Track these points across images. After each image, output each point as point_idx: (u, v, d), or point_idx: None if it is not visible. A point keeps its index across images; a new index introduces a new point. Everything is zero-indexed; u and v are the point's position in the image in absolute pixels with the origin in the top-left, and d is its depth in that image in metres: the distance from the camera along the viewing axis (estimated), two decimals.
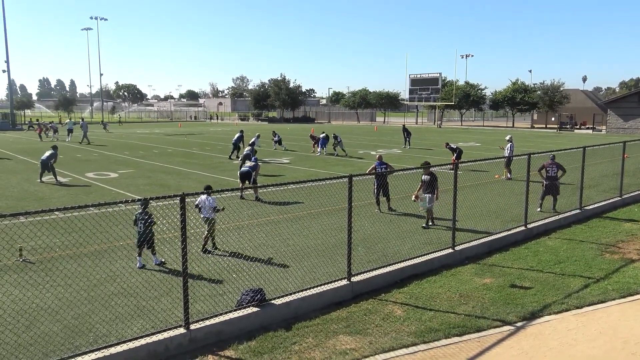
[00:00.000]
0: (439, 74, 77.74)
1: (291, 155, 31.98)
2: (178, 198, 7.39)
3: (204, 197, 10.74)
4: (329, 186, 12.72)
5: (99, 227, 11.58)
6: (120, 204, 6.84)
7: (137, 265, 10.10)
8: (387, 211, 15.11)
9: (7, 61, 70.38)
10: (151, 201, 11.61)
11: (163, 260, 10.30)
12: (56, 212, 7.94)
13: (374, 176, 15.56)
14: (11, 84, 78.43)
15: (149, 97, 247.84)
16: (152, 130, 65.20)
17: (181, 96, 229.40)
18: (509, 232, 12.56)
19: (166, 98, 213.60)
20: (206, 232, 10.94)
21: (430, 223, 13.05)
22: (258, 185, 10.73)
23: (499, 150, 33.68)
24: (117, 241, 11.29)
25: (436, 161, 27.24)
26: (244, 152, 20.66)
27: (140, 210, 10.00)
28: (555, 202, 15.04)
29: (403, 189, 16.05)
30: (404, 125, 34.48)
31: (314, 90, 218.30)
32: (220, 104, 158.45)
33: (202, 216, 10.85)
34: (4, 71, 71.75)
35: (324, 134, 34.01)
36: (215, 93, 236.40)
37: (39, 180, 20.37)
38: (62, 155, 30.49)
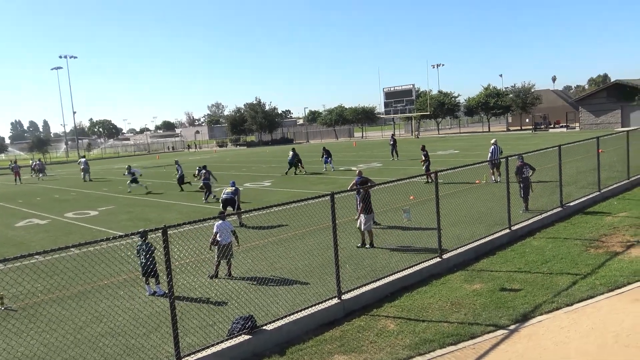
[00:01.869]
0: (412, 85, 78.75)
1: (272, 177, 31.96)
2: (160, 231, 7.32)
3: (219, 222, 10.88)
4: (312, 206, 12.81)
5: (82, 267, 11.39)
6: (102, 242, 6.75)
7: (147, 292, 10.40)
8: (372, 226, 15.14)
9: None
10: (133, 236, 11.48)
11: (166, 291, 10.24)
12: (36, 256, 7.80)
13: (355, 192, 15.59)
14: None
15: (124, 131, 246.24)
16: (130, 164, 64.70)
17: (157, 128, 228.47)
18: (494, 236, 12.66)
19: (142, 131, 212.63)
20: (218, 258, 11.01)
21: (367, 245, 12.75)
22: (242, 210, 10.72)
23: (477, 156, 34.04)
24: (101, 280, 11.11)
25: (418, 171, 27.42)
26: (203, 181, 21.53)
27: (140, 242, 10.14)
28: (527, 203, 15.25)
29: (386, 202, 16.11)
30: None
31: (290, 111, 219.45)
32: (197, 132, 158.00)
33: (221, 243, 10.86)
34: None
35: (325, 151, 34.15)
36: (192, 122, 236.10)
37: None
38: (39, 197, 30.04)
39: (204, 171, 23.77)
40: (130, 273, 11.05)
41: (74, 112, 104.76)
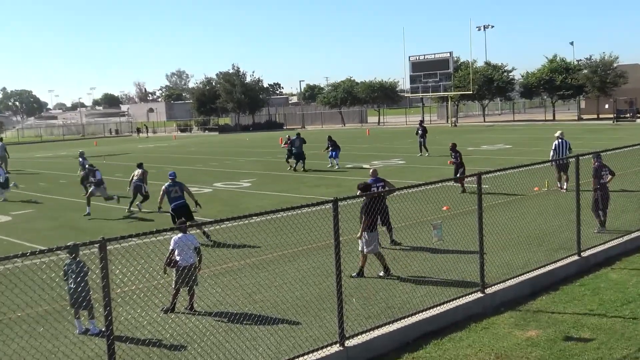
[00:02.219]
0: (449, 54, 79.08)
1: (253, 175, 32.04)
2: (97, 245, 7.33)
3: (179, 235, 10.98)
4: (308, 216, 12.77)
5: None
6: (15, 260, 6.76)
7: (77, 331, 10.35)
8: (390, 246, 15.14)
9: None
10: (59, 252, 11.42)
11: (102, 329, 10.25)
12: None
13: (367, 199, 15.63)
14: None
15: (50, 106, 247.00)
16: (57, 152, 64.74)
17: (96, 103, 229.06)
18: (557, 265, 12.67)
19: (75, 107, 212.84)
20: (176, 285, 11.04)
21: (382, 273, 12.89)
22: (210, 221, 10.73)
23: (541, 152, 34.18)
24: (13, 312, 11.11)
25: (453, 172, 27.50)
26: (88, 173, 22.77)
27: (69, 261, 10.14)
28: (606, 218, 15.30)
29: (409, 214, 16.16)
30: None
31: (279, 85, 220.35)
32: (151, 110, 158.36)
33: (180, 265, 10.89)
34: None
35: (330, 142, 34.23)
36: (144, 96, 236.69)
37: None
38: None
39: (140, 170, 23.12)
40: (55, 303, 11.05)
41: None
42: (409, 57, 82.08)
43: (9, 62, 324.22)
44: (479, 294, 11.18)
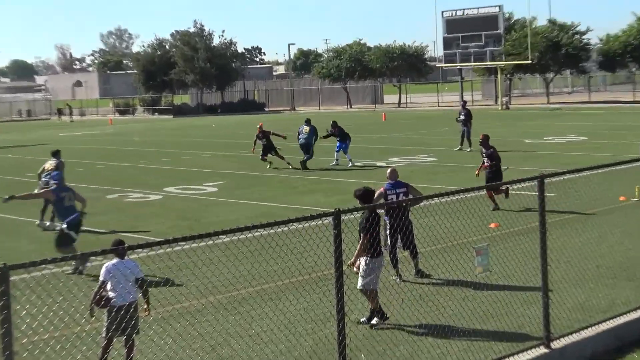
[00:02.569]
0: (498, 9, 79.30)
1: (222, 176, 31.96)
2: None
3: (113, 263, 10.91)
4: (298, 235, 12.57)
5: None
6: None
7: None
8: (415, 278, 15.08)
9: None
10: None
11: None
12: None
13: (383, 212, 15.50)
14: None
15: None
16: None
17: (0, 73, 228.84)
18: None
19: None
20: (107, 333, 10.90)
21: (364, 319, 12.92)
22: (159, 241, 10.59)
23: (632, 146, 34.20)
24: None
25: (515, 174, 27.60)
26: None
27: None
28: None
29: (442, 233, 16.05)
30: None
31: (260, 49, 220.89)
32: (79, 84, 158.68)
33: (115, 304, 10.76)
34: None
35: (332, 130, 34.86)
36: (69, 64, 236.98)
37: None
38: None
39: (54, 161, 22.32)
40: None
41: None
42: (442, 12, 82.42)
43: None
44: (543, 349, 11.11)
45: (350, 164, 33.52)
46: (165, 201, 26.25)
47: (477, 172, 23.69)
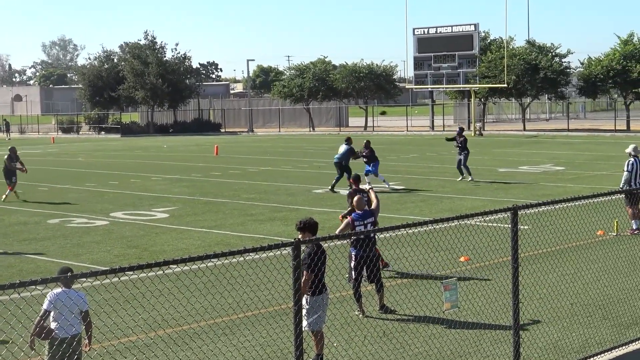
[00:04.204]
0: (473, 27, 80.00)
1: (172, 201, 31.91)
2: None
3: (57, 292, 10.82)
4: (255, 265, 12.64)
5: None
6: None
7: None
8: (379, 313, 15.15)
9: None
10: None
11: None
12: None
13: (349, 241, 15.62)
14: None
15: None
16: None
17: None
18: (631, 349, 12.72)
19: None
20: None
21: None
22: (105, 270, 10.62)
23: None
24: None
25: (488, 204, 27.80)
26: None
27: None
28: None
29: (409, 266, 16.14)
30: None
31: (216, 65, 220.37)
32: (19, 98, 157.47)
33: (57, 336, 10.69)
34: None
35: (364, 151, 34.76)
36: (8, 76, 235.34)
37: None
38: None
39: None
40: None
41: None
42: (414, 30, 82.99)
43: None
44: None
45: (387, 187, 33.62)
46: (112, 227, 26.09)
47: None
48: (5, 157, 34.46)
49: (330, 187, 33.59)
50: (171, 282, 15.83)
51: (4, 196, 32.16)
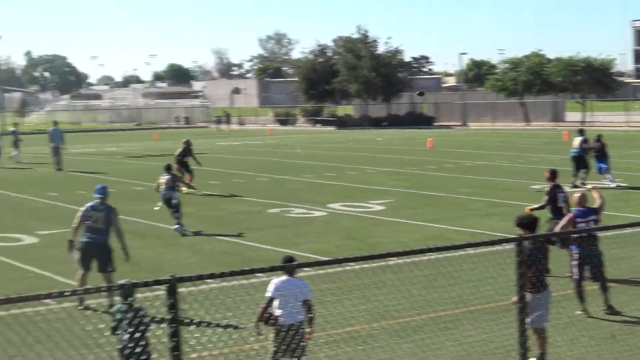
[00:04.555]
0: None
1: (390, 194, 31.93)
2: (165, 286, 7.44)
3: (282, 280, 11.00)
4: (476, 260, 12.39)
5: None
6: (42, 301, 6.94)
7: None
8: (604, 314, 14.78)
9: None
10: (106, 293, 11.80)
11: None
12: None
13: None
14: None
15: (92, 80, 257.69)
16: (103, 147, 67.33)
17: (157, 77, 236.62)
18: None
19: (127, 82, 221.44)
20: (276, 353, 11.12)
21: None
22: (327, 260, 10.66)
23: None
24: None
25: None
26: None
27: (119, 306, 10.41)
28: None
29: (634, 267, 15.58)
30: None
31: (428, 59, 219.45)
32: (237, 91, 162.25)
33: (281, 321, 10.93)
34: None
35: (595, 145, 33.97)
36: (226, 70, 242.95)
37: None
38: None
39: (167, 177, 24.88)
40: None
41: None
42: (632, 22, 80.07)
43: (35, 15, 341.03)
44: None
45: (613, 185, 32.65)
46: (330, 218, 26.40)
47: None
48: (179, 150, 35.06)
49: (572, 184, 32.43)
50: (392, 273, 15.83)
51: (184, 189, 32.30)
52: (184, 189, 29.94)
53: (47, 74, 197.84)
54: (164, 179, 24.81)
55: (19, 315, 10.86)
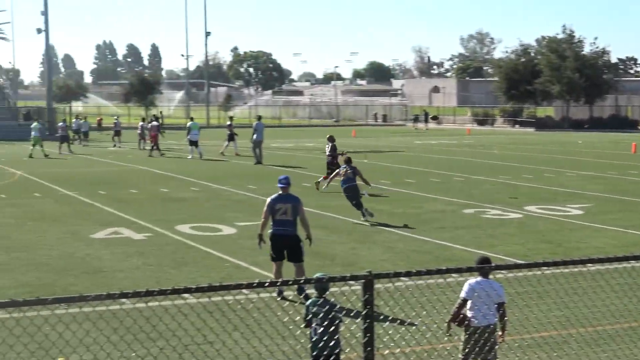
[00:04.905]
0: None
1: (588, 199, 31.17)
2: (361, 282, 7.51)
3: (476, 281, 10.98)
4: None
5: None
6: (236, 291, 7.14)
7: None
8: None
9: (44, 12, 79.46)
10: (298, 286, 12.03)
11: None
12: (123, 300, 8.49)
13: None
14: (50, 54, 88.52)
15: (294, 77, 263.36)
16: (300, 142, 68.58)
17: (357, 75, 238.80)
18: None
19: (328, 79, 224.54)
20: (465, 355, 10.98)
21: None
22: (522, 264, 10.51)
23: None
24: None
25: None
26: None
27: (314, 299, 10.56)
28: None
29: None
30: None
31: (635, 60, 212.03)
32: (436, 90, 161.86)
33: (473, 323, 10.86)
34: (39, 31, 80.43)
35: None
36: (426, 68, 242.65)
37: None
38: (135, 188, 33.37)
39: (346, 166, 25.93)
40: None
41: (207, 34, 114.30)
42: None
43: (243, 12, 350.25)
44: None
45: None
46: (526, 220, 25.97)
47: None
48: (329, 147, 34.98)
49: None
50: (586, 281, 15.43)
51: (323, 183, 33.05)
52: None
53: (251, 70, 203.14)
54: (343, 170, 26.41)
55: (220, 303, 11.17)
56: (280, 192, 16.82)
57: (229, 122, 55.42)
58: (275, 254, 16.40)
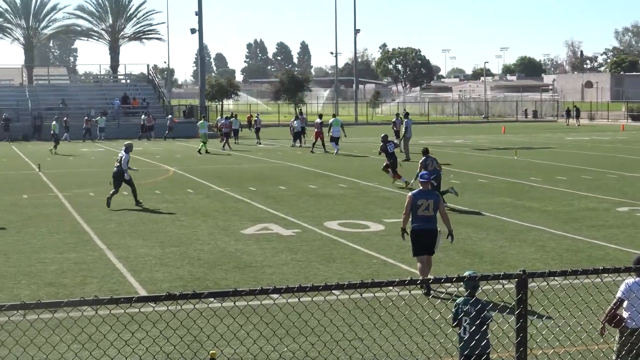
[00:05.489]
0: None
1: None
2: (514, 281, 7.37)
3: (635, 280, 10.60)
4: None
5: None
6: (373, 288, 7.10)
7: None
8: None
9: (198, 12, 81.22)
10: (447, 284, 11.86)
11: None
12: (275, 295, 8.55)
13: None
14: (203, 53, 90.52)
15: (443, 73, 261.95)
16: (448, 139, 68.16)
17: (507, 70, 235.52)
18: None
19: (477, 75, 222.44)
20: (618, 356, 10.84)
21: None
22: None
23: None
24: None
25: None
26: None
27: (465, 297, 10.52)
28: None
29: None
30: None
31: None
32: (589, 84, 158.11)
33: (629, 324, 10.65)
34: (193, 31, 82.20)
35: None
36: (579, 63, 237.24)
37: None
38: (284, 185, 33.74)
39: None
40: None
41: (356, 31, 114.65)
42: None
43: (392, 9, 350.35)
44: None
45: None
46: None
47: None
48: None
49: None
50: None
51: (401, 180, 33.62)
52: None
53: (399, 67, 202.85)
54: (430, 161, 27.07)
55: (371, 300, 11.17)
56: (421, 187, 16.85)
57: (395, 119, 56.15)
58: (419, 249, 16.54)
